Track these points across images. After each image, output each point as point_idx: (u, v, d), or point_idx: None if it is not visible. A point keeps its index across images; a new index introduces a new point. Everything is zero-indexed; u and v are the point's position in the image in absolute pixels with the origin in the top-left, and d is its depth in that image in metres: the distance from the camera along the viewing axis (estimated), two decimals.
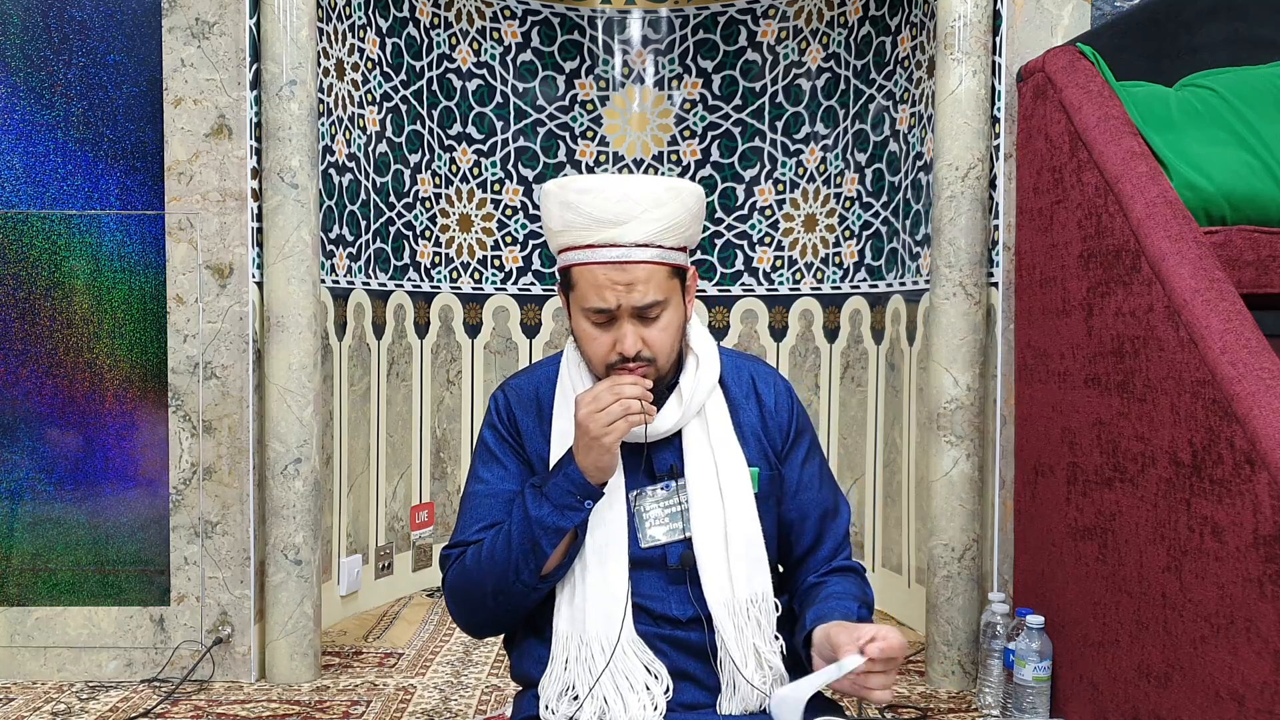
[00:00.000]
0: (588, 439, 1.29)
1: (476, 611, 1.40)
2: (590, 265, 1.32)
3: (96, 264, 2.59)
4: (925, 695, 2.50)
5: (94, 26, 2.57)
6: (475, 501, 1.43)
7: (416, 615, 3.20)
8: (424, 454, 3.51)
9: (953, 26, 2.48)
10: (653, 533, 1.38)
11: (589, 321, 1.34)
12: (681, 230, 1.35)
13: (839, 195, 3.41)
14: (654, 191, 1.32)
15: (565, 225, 1.34)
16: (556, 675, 1.36)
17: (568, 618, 1.36)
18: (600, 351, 1.34)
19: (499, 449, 1.44)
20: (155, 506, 2.61)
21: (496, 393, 1.48)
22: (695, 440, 1.40)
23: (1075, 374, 2.14)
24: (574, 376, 1.42)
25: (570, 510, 1.32)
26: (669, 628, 1.37)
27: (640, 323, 1.33)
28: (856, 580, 1.44)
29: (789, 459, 1.46)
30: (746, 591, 1.37)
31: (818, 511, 1.46)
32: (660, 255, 1.33)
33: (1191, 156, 2.06)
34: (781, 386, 1.49)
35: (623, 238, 1.31)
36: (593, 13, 3.61)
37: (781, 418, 1.46)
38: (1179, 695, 1.76)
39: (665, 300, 1.33)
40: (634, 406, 1.29)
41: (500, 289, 3.64)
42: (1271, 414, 1.55)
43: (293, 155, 2.52)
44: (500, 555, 1.33)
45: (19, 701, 2.45)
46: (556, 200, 1.34)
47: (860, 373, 3.36)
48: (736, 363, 1.49)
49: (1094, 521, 2.05)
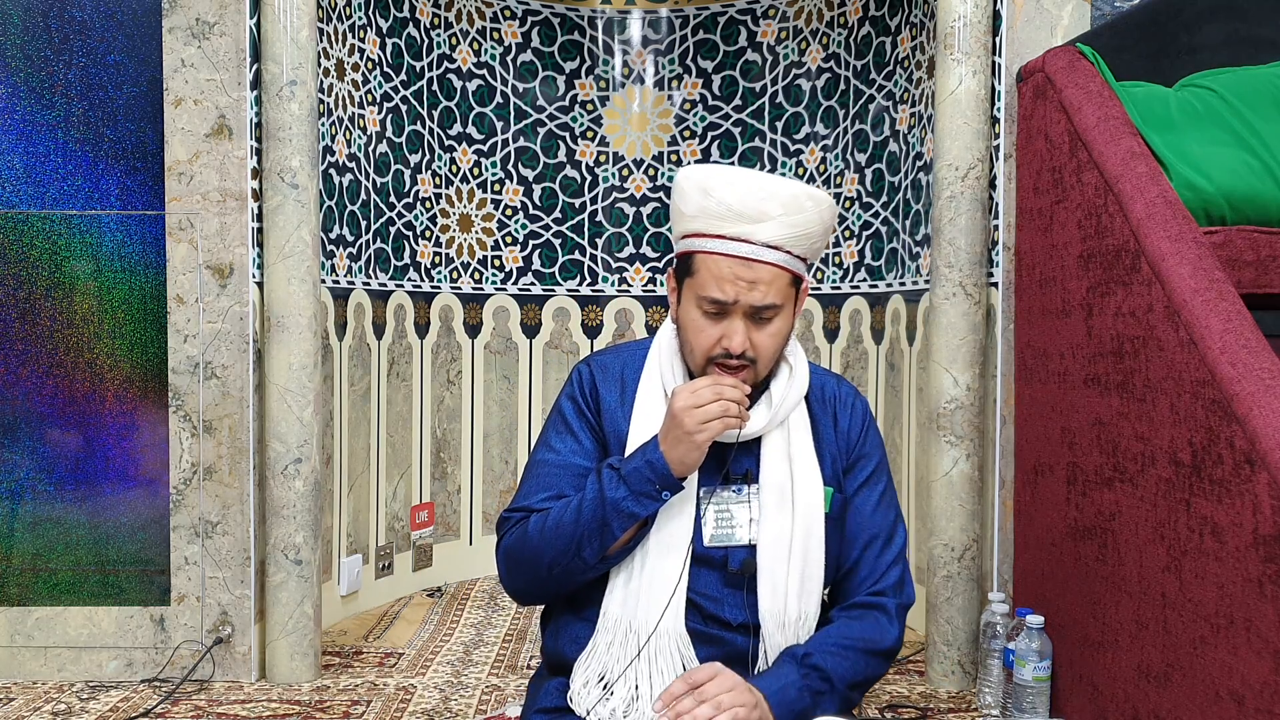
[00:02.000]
0: (680, 432, 1.28)
1: (527, 578, 1.39)
2: (717, 256, 1.32)
3: (97, 264, 2.59)
4: (925, 695, 2.50)
5: (94, 26, 2.57)
6: (544, 469, 1.42)
7: (417, 615, 3.20)
8: (424, 454, 3.51)
9: (953, 27, 2.48)
10: (717, 533, 1.38)
11: (700, 311, 1.34)
12: (811, 240, 1.35)
13: (839, 195, 3.41)
14: (795, 196, 1.33)
15: (700, 211, 1.33)
16: (597, 655, 1.35)
17: (620, 601, 1.36)
18: (705, 343, 1.34)
19: (576, 422, 1.43)
20: (155, 506, 2.61)
21: (580, 365, 1.47)
22: (774, 449, 1.40)
23: (1075, 374, 2.14)
24: (664, 363, 1.41)
25: (647, 498, 1.31)
26: (717, 628, 1.37)
27: (751, 323, 1.33)
28: (857, 624, 1.40)
29: (850, 475, 1.45)
30: (797, 609, 1.37)
31: (864, 536, 1.44)
32: (786, 261, 1.33)
33: (1191, 156, 2.06)
34: (860, 408, 1.49)
35: (755, 235, 1.31)
36: (593, 13, 3.61)
37: (852, 436, 1.46)
38: (1179, 695, 1.76)
39: (781, 306, 1.34)
40: (733, 410, 1.29)
41: (500, 289, 3.64)
42: (1271, 414, 1.55)
43: (293, 155, 2.52)
44: (566, 528, 1.33)
45: (19, 701, 2.45)
46: (697, 185, 1.34)
47: (860, 373, 3.36)
48: (822, 379, 1.49)
49: (1094, 521, 2.06)
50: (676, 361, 1.41)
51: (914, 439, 3.03)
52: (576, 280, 3.68)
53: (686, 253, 1.36)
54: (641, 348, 1.47)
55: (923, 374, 2.90)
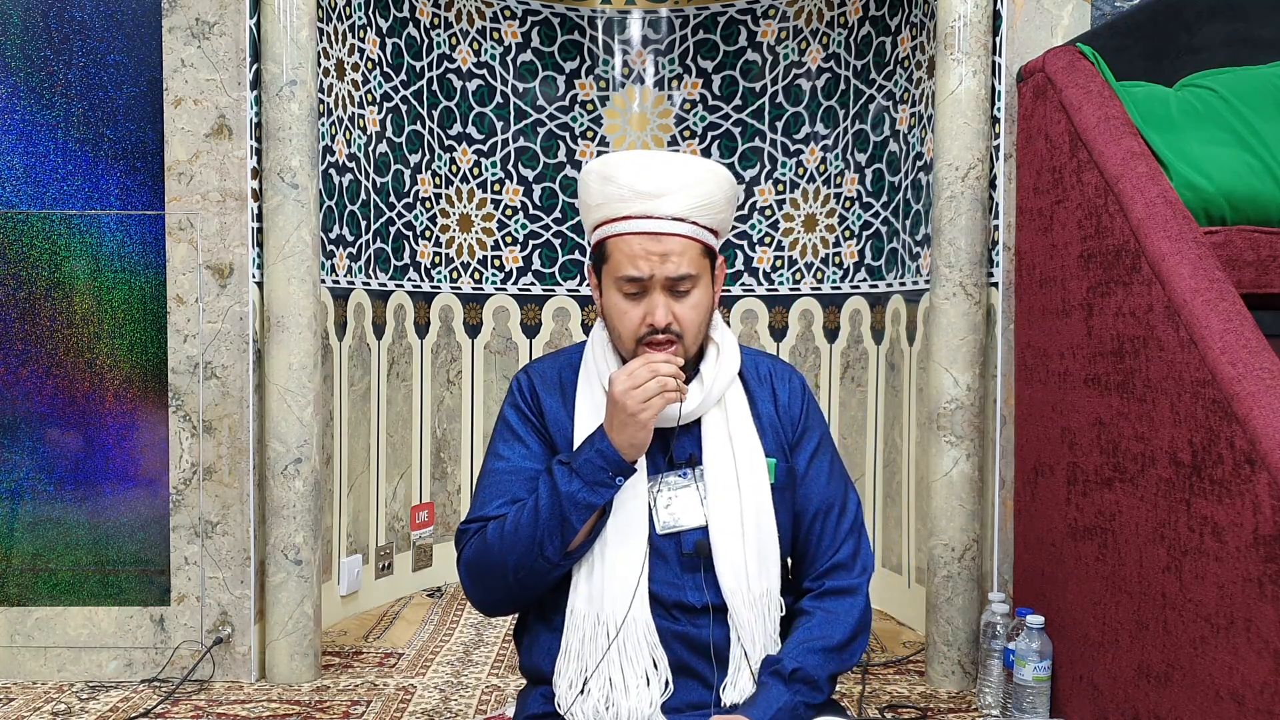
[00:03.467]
0: (624, 415, 1.30)
1: (493, 587, 1.40)
2: (626, 235, 1.35)
3: (97, 264, 2.59)
4: (925, 695, 2.50)
5: (94, 26, 2.57)
6: (496, 478, 1.43)
7: (416, 615, 3.20)
8: (424, 454, 3.51)
9: (953, 26, 2.48)
10: (668, 519, 1.39)
11: (621, 294, 1.37)
12: (715, 211, 1.38)
13: (839, 195, 3.41)
14: (692, 169, 1.36)
15: (604, 198, 1.37)
16: (572, 654, 1.36)
17: (585, 596, 1.37)
18: (630, 325, 1.36)
19: (522, 427, 1.45)
20: (155, 506, 2.61)
21: (519, 374, 1.49)
22: (714, 429, 1.41)
23: (1075, 374, 2.14)
24: (599, 357, 1.43)
25: (602, 486, 1.32)
26: (681, 616, 1.37)
27: (671, 297, 1.35)
28: (835, 620, 1.41)
29: (797, 451, 1.47)
30: (761, 584, 1.38)
31: (821, 506, 1.46)
32: (694, 231, 1.36)
33: (1191, 156, 2.06)
34: (796, 382, 1.51)
35: (659, 209, 1.34)
36: (593, 13, 3.61)
37: (794, 410, 1.48)
38: (1179, 695, 1.76)
39: (697, 276, 1.36)
40: (670, 384, 1.31)
41: (500, 289, 3.64)
42: (1271, 414, 1.55)
43: (293, 155, 2.52)
44: (525, 530, 1.33)
45: (19, 701, 2.45)
46: (596, 174, 1.38)
47: (860, 373, 3.36)
48: (755, 358, 1.51)
49: (1094, 521, 2.06)
50: (610, 354, 1.43)
51: (914, 439, 3.03)
52: (576, 280, 3.68)
53: (599, 241, 1.40)
54: (576, 351, 1.50)
55: (923, 374, 2.90)
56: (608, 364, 1.42)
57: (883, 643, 2.93)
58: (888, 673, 2.67)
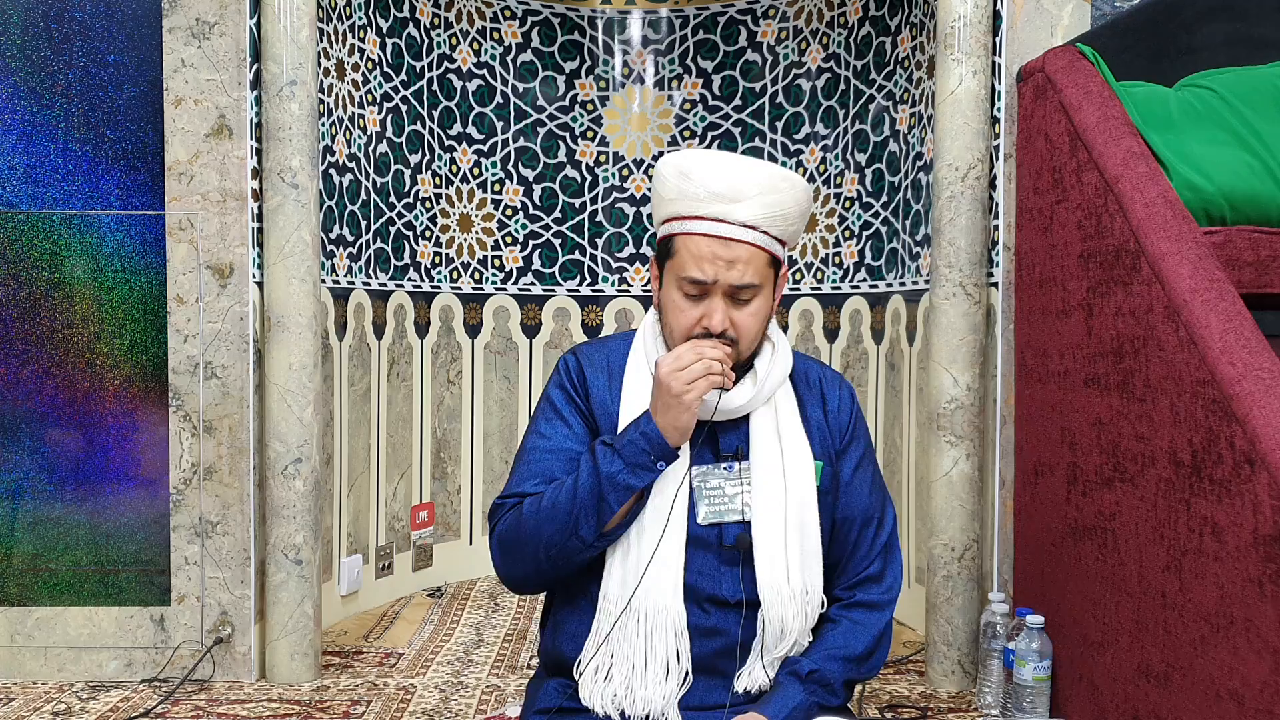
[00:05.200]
0: (668, 397, 1.30)
1: (524, 563, 1.39)
2: (696, 236, 1.35)
3: (97, 264, 2.59)
4: (925, 695, 2.50)
5: (94, 26, 2.57)
6: (536, 456, 1.42)
7: (417, 615, 3.20)
8: (424, 454, 3.51)
9: (953, 27, 2.48)
10: (710, 511, 1.39)
11: (681, 292, 1.36)
12: (788, 221, 1.37)
13: (839, 195, 3.42)
14: (770, 176, 1.36)
15: (679, 194, 1.36)
16: (600, 637, 1.36)
17: (619, 581, 1.36)
18: (686, 323, 1.36)
19: (566, 407, 1.45)
20: (155, 506, 2.61)
21: (567, 355, 1.49)
22: (763, 426, 1.42)
23: (1075, 374, 2.14)
24: (650, 346, 1.43)
25: (643, 469, 1.32)
26: (714, 610, 1.37)
27: (731, 303, 1.35)
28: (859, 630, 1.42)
29: (842, 459, 1.47)
30: (801, 581, 1.38)
31: (860, 517, 1.46)
32: (764, 241, 1.35)
33: (1191, 157, 2.06)
34: (846, 391, 1.51)
35: (732, 215, 1.34)
36: (593, 13, 3.61)
37: (843, 419, 1.49)
38: (1179, 695, 1.76)
39: (759, 286, 1.36)
40: (715, 367, 1.31)
41: (500, 289, 3.64)
42: (1271, 414, 1.55)
43: (293, 155, 2.52)
44: (563, 508, 1.33)
45: (19, 701, 2.45)
46: (675, 169, 1.37)
47: (860, 373, 3.36)
48: (806, 364, 1.52)
49: (1094, 521, 2.06)
50: (660, 346, 1.43)
51: (914, 439, 3.03)
52: (576, 280, 3.68)
53: (667, 236, 1.39)
54: (626, 338, 1.49)
55: (923, 374, 2.90)
56: (658, 350, 1.42)
57: None
58: (888, 672, 2.67)
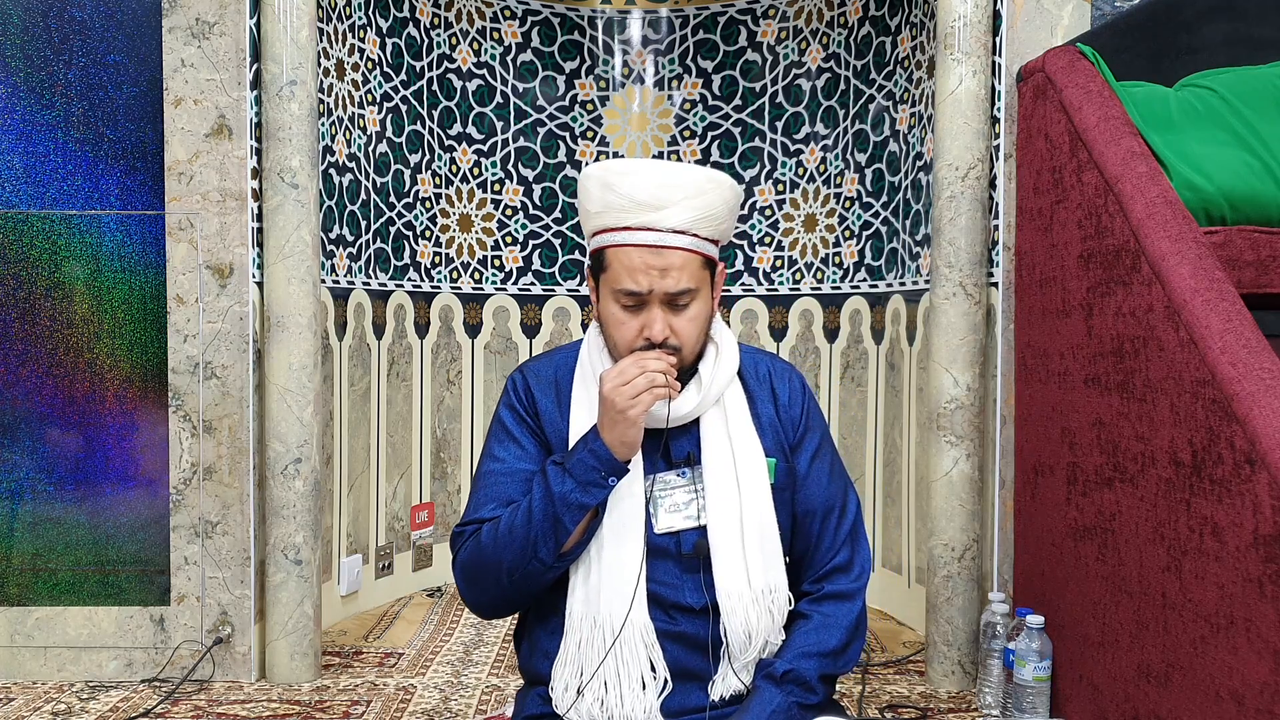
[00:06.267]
0: (613, 413, 1.29)
1: (488, 590, 1.38)
2: (626, 247, 1.33)
3: (97, 264, 2.59)
4: (925, 695, 2.50)
5: (94, 26, 2.57)
6: (491, 480, 1.42)
7: (416, 615, 3.20)
8: (424, 454, 3.51)
9: (953, 26, 2.48)
10: (667, 519, 1.38)
11: (618, 305, 1.35)
12: (717, 222, 1.36)
13: (839, 195, 3.41)
14: (695, 179, 1.34)
15: (604, 206, 1.34)
16: (570, 658, 1.35)
17: (582, 599, 1.36)
18: (627, 336, 1.35)
19: (516, 429, 1.44)
20: (155, 506, 2.61)
21: (514, 374, 1.48)
22: (713, 429, 1.40)
23: (1075, 374, 2.14)
24: (594, 360, 1.42)
25: (594, 486, 1.32)
26: (680, 617, 1.36)
27: (670, 310, 1.34)
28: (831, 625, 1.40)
29: (798, 452, 1.46)
30: (761, 582, 1.37)
31: (821, 508, 1.45)
32: (695, 244, 1.34)
33: (1191, 156, 2.06)
34: (796, 381, 1.50)
35: (660, 223, 1.32)
36: (593, 13, 3.61)
37: (794, 411, 1.47)
38: (1179, 695, 1.76)
39: (696, 290, 1.34)
40: (659, 380, 1.30)
41: (500, 289, 3.64)
42: (1271, 414, 1.55)
43: (293, 155, 2.52)
44: (519, 531, 1.32)
45: (19, 701, 2.45)
46: (598, 181, 1.35)
47: (860, 373, 3.36)
48: (754, 357, 1.50)
49: (1094, 521, 2.06)
50: (605, 359, 1.41)
51: (914, 439, 3.03)
52: (576, 280, 3.68)
53: (598, 249, 1.37)
54: (572, 350, 1.48)
55: (923, 374, 2.90)
56: (603, 364, 1.40)
57: (883, 643, 2.93)
58: (888, 673, 2.67)
